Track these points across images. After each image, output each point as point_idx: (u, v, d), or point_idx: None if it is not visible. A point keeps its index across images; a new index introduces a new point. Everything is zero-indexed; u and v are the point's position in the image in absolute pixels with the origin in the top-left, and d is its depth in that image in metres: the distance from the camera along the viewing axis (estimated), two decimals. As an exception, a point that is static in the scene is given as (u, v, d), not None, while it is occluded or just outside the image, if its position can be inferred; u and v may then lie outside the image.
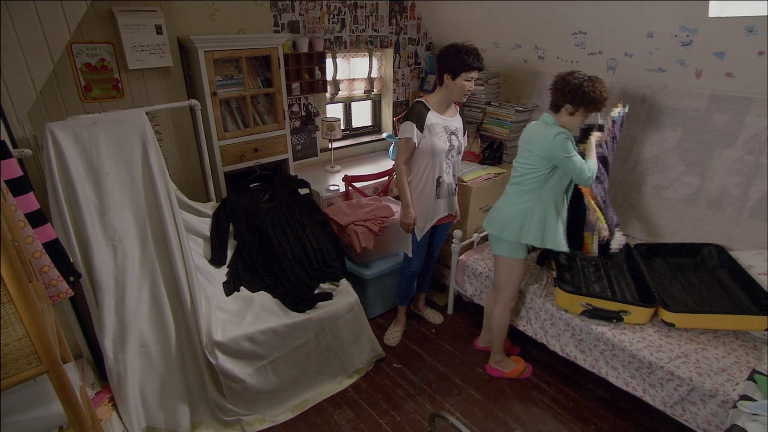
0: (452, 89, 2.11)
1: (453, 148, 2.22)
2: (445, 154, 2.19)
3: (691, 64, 2.37)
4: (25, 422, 1.15)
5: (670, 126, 2.59)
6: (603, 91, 1.86)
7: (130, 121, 1.95)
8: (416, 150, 2.18)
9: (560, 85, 1.89)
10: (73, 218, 1.84)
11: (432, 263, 2.65)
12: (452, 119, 2.22)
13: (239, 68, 2.61)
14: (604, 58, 2.73)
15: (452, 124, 2.21)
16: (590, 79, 1.85)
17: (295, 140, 3.20)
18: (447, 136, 2.19)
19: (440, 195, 2.28)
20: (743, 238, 2.43)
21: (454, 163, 2.28)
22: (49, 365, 1.02)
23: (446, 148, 2.18)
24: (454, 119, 2.23)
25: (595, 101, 1.84)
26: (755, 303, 2.03)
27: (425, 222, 2.31)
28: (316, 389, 2.27)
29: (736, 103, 2.30)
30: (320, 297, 2.28)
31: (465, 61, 2.03)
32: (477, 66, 2.06)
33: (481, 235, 2.87)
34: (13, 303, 0.94)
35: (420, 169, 2.21)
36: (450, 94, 2.15)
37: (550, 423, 2.13)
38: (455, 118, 2.24)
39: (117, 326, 1.90)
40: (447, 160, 2.22)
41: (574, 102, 1.85)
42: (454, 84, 2.09)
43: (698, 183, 2.56)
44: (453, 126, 2.22)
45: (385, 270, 2.71)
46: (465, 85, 2.09)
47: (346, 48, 3.27)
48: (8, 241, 0.94)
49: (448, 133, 2.19)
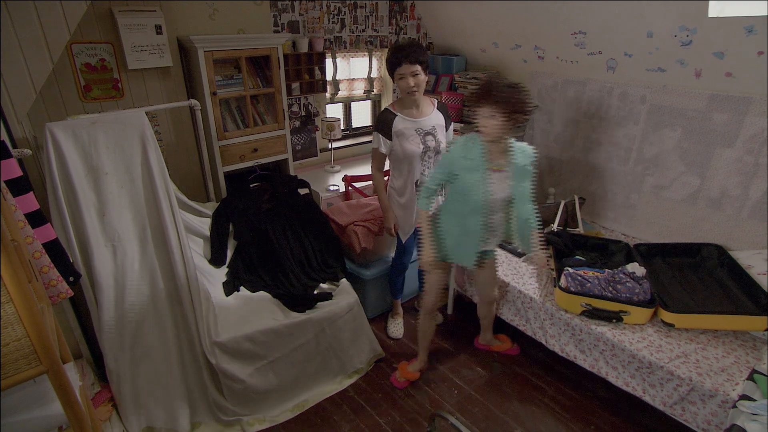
0: (399, 88, 2.11)
1: (429, 149, 2.19)
2: (420, 156, 2.17)
3: (691, 64, 2.37)
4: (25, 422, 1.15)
5: (669, 126, 2.60)
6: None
7: (129, 121, 1.95)
8: (391, 156, 2.21)
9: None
10: (72, 218, 1.84)
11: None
12: (425, 118, 2.18)
13: (239, 68, 2.61)
14: (603, 58, 2.73)
15: (426, 124, 2.18)
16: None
17: (295, 140, 3.20)
18: (420, 137, 2.16)
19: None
20: (743, 238, 2.43)
21: (434, 164, 2.25)
22: (49, 365, 1.02)
23: (419, 151, 2.16)
24: (429, 117, 2.19)
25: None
26: (755, 303, 2.03)
27: (410, 226, 2.34)
28: (316, 389, 2.27)
29: (736, 103, 2.30)
30: (320, 297, 2.28)
31: (394, 58, 2.06)
32: (406, 60, 2.02)
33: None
34: (12, 303, 0.94)
35: (400, 174, 2.25)
36: (402, 94, 2.13)
37: (550, 423, 2.13)
38: (430, 116, 2.20)
39: (117, 326, 1.90)
40: (423, 162, 2.20)
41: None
42: (397, 83, 2.10)
43: (698, 183, 2.56)
44: (428, 125, 2.18)
45: (384, 270, 2.71)
46: (401, 82, 2.07)
47: (345, 48, 3.27)
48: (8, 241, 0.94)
49: (421, 134, 2.16)
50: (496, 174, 1.86)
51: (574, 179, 3.17)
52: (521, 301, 2.37)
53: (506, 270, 2.53)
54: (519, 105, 1.73)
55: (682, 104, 2.51)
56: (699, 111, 2.45)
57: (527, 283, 2.41)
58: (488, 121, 1.75)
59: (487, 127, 1.76)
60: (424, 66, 2.07)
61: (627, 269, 2.21)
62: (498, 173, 1.86)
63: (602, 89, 2.84)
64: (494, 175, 1.86)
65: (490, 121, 1.74)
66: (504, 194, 1.89)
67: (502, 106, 1.71)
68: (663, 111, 2.60)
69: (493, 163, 1.86)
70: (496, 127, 1.74)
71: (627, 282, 2.12)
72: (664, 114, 2.60)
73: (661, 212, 2.76)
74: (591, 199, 3.10)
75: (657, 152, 2.69)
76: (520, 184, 1.89)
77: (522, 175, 1.89)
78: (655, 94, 2.61)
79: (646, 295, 2.07)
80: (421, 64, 2.05)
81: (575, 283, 2.15)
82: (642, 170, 2.78)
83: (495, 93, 1.71)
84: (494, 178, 1.86)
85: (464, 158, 1.87)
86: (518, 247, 2.59)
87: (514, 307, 2.42)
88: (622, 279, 2.14)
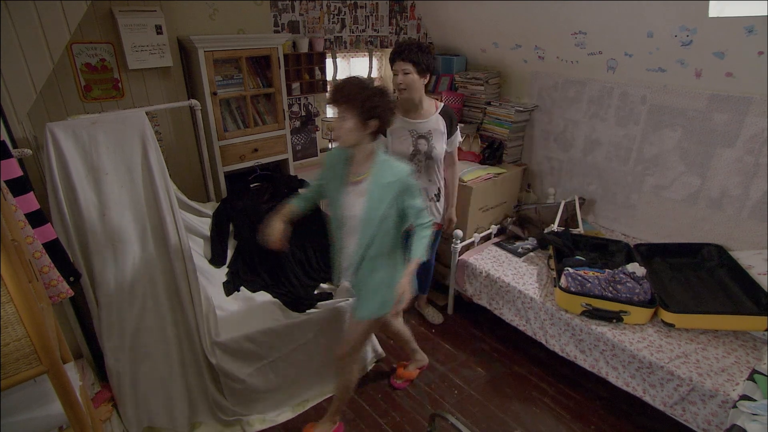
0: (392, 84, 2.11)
1: (419, 153, 2.15)
2: (409, 158, 2.15)
3: (691, 64, 2.37)
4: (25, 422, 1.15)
5: (669, 126, 2.59)
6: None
7: (130, 121, 1.94)
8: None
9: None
10: (73, 218, 1.84)
11: (427, 267, 2.63)
12: (423, 121, 2.14)
13: (239, 68, 2.61)
14: (603, 58, 2.73)
15: (422, 127, 2.13)
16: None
17: (295, 140, 3.20)
18: (412, 139, 2.14)
19: None
20: (743, 238, 2.43)
21: (427, 167, 2.20)
22: (49, 365, 1.02)
23: (408, 153, 2.14)
24: (427, 121, 2.14)
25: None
26: (755, 303, 2.03)
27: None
28: (317, 389, 2.27)
29: (736, 103, 2.30)
30: (320, 297, 2.29)
31: (392, 54, 2.07)
32: (399, 57, 2.01)
33: (482, 235, 2.87)
34: (13, 303, 0.94)
35: None
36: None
37: (550, 423, 2.13)
38: (429, 120, 2.14)
39: (117, 326, 1.90)
40: (413, 164, 2.15)
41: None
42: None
43: (698, 183, 2.56)
44: (423, 129, 2.14)
45: (385, 270, 2.71)
46: (393, 79, 2.08)
47: (346, 48, 3.27)
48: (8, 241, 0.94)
49: (414, 136, 2.14)
50: (352, 187, 1.68)
51: (574, 179, 3.17)
52: (521, 301, 2.37)
53: (506, 270, 2.53)
54: (373, 110, 1.55)
55: (682, 104, 2.50)
56: (699, 111, 2.45)
57: (527, 283, 2.41)
58: (340, 123, 1.58)
59: (338, 129, 1.58)
60: (419, 67, 2.03)
61: (627, 269, 2.21)
62: (354, 186, 1.68)
63: (602, 89, 2.84)
64: (351, 188, 1.68)
65: (341, 123, 1.57)
66: (357, 212, 1.66)
67: (352, 107, 1.54)
68: (663, 111, 2.60)
69: (354, 174, 1.69)
70: (348, 131, 1.56)
71: (627, 282, 2.12)
72: (665, 114, 2.59)
73: (662, 212, 2.76)
74: (591, 199, 3.11)
75: (657, 152, 2.69)
76: (379, 205, 1.63)
77: (382, 194, 1.63)
78: (655, 94, 2.61)
79: (646, 296, 2.07)
80: (415, 65, 2.02)
81: (575, 283, 2.15)
82: (642, 170, 2.78)
83: (346, 92, 1.55)
84: (350, 191, 1.68)
85: (331, 167, 1.74)
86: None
87: (515, 307, 2.42)
88: (622, 279, 2.14)
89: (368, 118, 1.56)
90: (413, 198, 1.68)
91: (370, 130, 1.59)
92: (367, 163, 1.66)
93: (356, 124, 1.56)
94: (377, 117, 1.57)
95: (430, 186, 2.27)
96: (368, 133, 1.60)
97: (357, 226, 1.68)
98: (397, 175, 1.64)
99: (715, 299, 2.17)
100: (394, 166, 1.66)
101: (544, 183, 3.37)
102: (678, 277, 2.36)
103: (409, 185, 1.67)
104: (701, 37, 2.22)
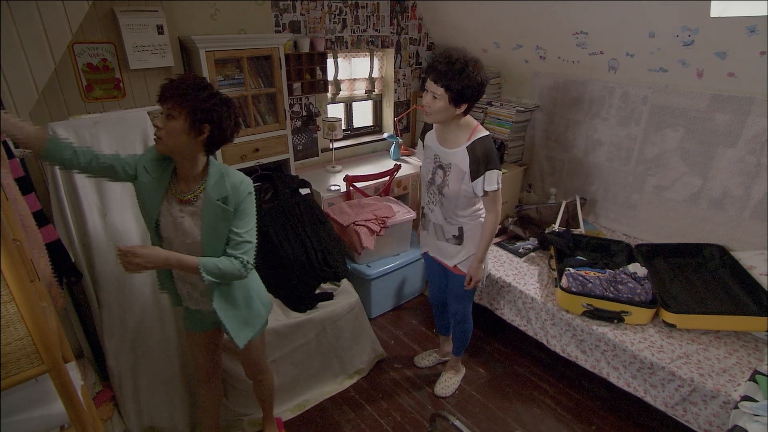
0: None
1: (433, 183, 1.86)
2: (427, 185, 1.91)
3: (693, 64, 2.37)
4: (26, 422, 1.15)
5: (671, 126, 2.59)
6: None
7: (131, 120, 1.95)
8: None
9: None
10: (74, 218, 1.84)
11: (450, 309, 2.15)
12: (450, 151, 1.77)
13: (240, 68, 2.61)
14: (605, 58, 2.73)
15: (446, 158, 1.79)
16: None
17: (296, 140, 3.20)
18: (433, 166, 1.85)
19: (426, 227, 2.03)
20: (745, 239, 2.43)
21: (440, 202, 1.86)
22: (51, 365, 1.02)
23: (427, 179, 1.90)
24: (453, 152, 1.76)
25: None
26: (757, 304, 2.03)
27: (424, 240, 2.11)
28: (317, 389, 2.27)
29: (738, 103, 2.30)
30: (321, 297, 2.29)
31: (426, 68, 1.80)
32: (431, 77, 1.65)
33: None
34: (14, 302, 0.94)
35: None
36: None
37: (551, 423, 2.13)
38: (455, 151, 1.75)
39: (118, 326, 1.91)
40: (428, 192, 1.92)
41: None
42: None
43: (700, 183, 2.55)
44: (446, 160, 1.79)
45: (385, 270, 2.71)
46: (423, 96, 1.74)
47: (347, 48, 3.27)
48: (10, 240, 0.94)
49: (435, 163, 1.84)
50: (181, 206, 1.37)
51: (575, 179, 3.17)
52: (522, 301, 2.37)
53: (507, 270, 2.53)
54: (209, 113, 1.26)
55: (683, 104, 2.50)
56: (701, 111, 2.44)
57: (528, 283, 2.41)
58: (165, 123, 1.26)
59: (162, 129, 1.26)
60: (454, 95, 1.63)
61: (628, 269, 2.20)
62: (185, 206, 1.37)
63: (604, 89, 2.84)
64: (179, 207, 1.37)
65: (167, 122, 1.26)
66: (196, 237, 1.37)
67: (179, 104, 1.24)
68: (665, 111, 2.59)
69: (179, 189, 1.38)
70: (172, 133, 1.25)
71: (628, 282, 2.12)
72: (666, 114, 2.59)
73: (663, 212, 2.75)
74: (592, 200, 3.10)
75: (659, 152, 2.68)
76: (217, 227, 1.35)
77: (219, 214, 1.34)
78: (656, 95, 2.60)
79: (647, 296, 2.07)
80: (449, 91, 1.63)
81: (576, 284, 2.14)
82: (644, 170, 2.78)
83: (175, 88, 1.25)
84: (179, 212, 1.37)
85: (147, 171, 1.37)
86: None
87: (515, 307, 2.42)
88: (623, 279, 2.14)
89: (201, 122, 1.26)
90: (241, 220, 1.37)
91: (203, 137, 1.29)
92: (199, 180, 1.37)
93: (184, 127, 1.25)
94: (211, 122, 1.28)
95: (446, 226, 1.91)
96: (200, 140, 1.29)
97: (197, 252, 1.36)
98: (228, 192, 1.35)
99: (717, 300, 2.16)
100: (236, 182, 1.37)
101: (545, 183, 3.37)
102: (679, 278, 2.35)
103: (242, 203, 1.37)
104: (703, 37, 2.22)
